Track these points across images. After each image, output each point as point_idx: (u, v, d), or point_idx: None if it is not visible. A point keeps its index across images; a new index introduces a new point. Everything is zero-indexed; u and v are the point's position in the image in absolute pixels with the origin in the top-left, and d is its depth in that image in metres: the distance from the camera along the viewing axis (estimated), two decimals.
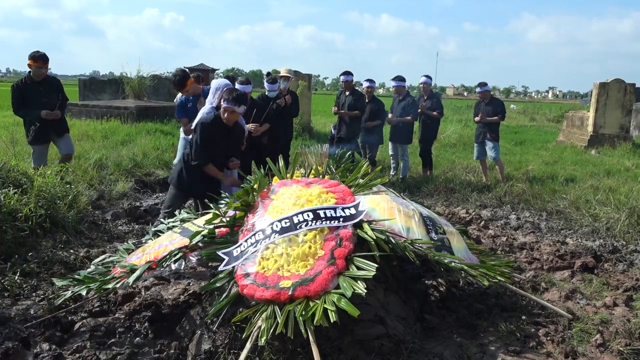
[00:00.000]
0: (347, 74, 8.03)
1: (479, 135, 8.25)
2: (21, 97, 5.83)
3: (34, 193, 4.67)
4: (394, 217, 3.19)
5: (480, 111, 8.20)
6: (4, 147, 6.83)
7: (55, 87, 6.01)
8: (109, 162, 7.59)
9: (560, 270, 4.42)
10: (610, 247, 5.02)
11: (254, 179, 3.57)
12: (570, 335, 3.11)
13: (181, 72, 5.66)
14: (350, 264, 2.73)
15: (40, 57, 5.71)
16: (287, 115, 6.93)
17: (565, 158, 11.01)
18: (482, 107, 8.23)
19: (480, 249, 4.18)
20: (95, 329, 3.16)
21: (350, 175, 3.67)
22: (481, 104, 8.31)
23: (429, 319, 3.28)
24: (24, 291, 3.65)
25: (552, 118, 24.89)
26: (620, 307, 3.57)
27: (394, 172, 8.46)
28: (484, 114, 8.12)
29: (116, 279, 3.15)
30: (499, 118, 8.12)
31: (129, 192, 6.75)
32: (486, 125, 8.12)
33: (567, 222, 6.08)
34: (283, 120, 6.78)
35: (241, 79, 6.12)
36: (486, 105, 8.20)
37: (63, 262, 4.18)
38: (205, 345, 2.82)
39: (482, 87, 8.31)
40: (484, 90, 8.31)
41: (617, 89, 12.96)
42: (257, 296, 2.66)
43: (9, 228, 4.20)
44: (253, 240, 2.99)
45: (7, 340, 2.88)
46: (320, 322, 2.41)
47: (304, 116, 13.58)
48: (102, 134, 10.26)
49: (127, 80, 14.89)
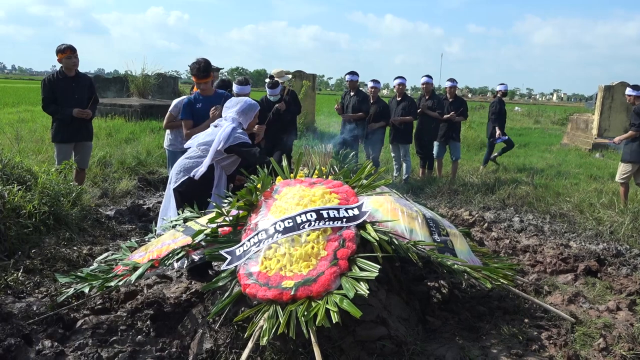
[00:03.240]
0: (352, 74, 8.03)
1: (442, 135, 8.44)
2: (52, 93, 5.53)
3: (37, 190, 4.68)
4: (397, 219, 3.18)
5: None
6: (9, 143, 6.85)
7: (88, 84, 5.76)
8: (112, 160, 7.62)
9: (563, 274, 4.40)
10: (613, 250, 5.00)
11: (258, 179, 3.57)
12: (573, 339, 3.10)
13: (204, 60, 4.80)
14: (353, 264, 2.72)
15: (67, 47, 5.47)
16: (289, 115, 6.87)
17: (570, 161, 10.98)
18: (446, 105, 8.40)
19: (483, 251, 4.17)
20: (98, 327, 3.17)
21: (353, 176, 3.66)
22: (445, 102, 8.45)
23: (431, 320, 3.27)
24: (26, 288, 3.66)
25: (556, 121, 24.84)
26: (623, 312, 3.55)
27: (397, 174, 8.45)
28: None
29: (119, 277, 3.16)
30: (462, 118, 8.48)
31: (133, 190, 6.76)
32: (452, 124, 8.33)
33: (570, 225, 6.06)
34: (285, 120, 6.73)
35: (239, 79, 5.93)
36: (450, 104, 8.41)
37: (66, 259, 4.19)
38: (207, 344, 2.82)
39: (453, 83, 8.51)
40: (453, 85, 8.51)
41: (622, 92, 12.89)
42: (260, 296, 2.66)
43: (12, 225, 4.21)
44: (256, 239, 2.99)
45: (9, 336, 2.88)
46: (322, 322, 2.40)
47: (307, 116, 13.59)
48: (107, 132, 10.30)
49: (131, 79, 14.94)
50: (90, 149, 6.09)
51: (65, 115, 5.50)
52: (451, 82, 8.43)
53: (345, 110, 7.98)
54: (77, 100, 5.57)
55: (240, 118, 4.01)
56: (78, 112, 5.51)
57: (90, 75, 7.22)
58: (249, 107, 4.07)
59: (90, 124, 5.88)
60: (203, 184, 3.88)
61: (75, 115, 5.51)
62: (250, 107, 4.07)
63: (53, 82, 5.55)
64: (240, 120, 4.01)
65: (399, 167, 8.45)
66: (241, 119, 4.02)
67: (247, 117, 4.06)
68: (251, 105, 4.08)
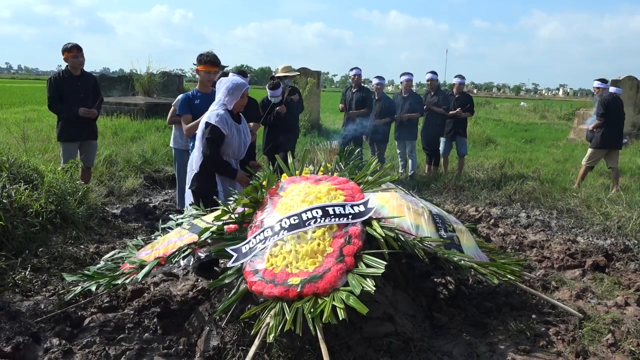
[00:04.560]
0: (356, 69, 8.03)
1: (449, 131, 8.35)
2: (57, 92, 5.52)
3: (44, 189, 4.70)
4: (403, 215, 3.17)
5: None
6: (15, 143, 6.88)
7: (93, 83, 5.77)
8: (118, 158, 7.64)
9: (571, 269, 4.38)
10: (621, 245, 4.97)
11: (263, 176, 3.57)
12: (581, 334, 3.08)
13: (212, 53, 4.68)
14: (359, 261, 2.72)
15: (74, 46, 5.49)
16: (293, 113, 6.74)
17: (577, 156, 10.90)
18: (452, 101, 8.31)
19: (490, 247, 4.15)
20: (105, 325, 3.18)
21: (359, 173, 3.65)
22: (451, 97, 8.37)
23: (438, 317, 3.26)
24: (34, 286, 3.68)
25: (562, 116, 24.70)
26: (631, 307, 3.53)
27: (402, 170, 8.43)
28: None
29: (125, 275, 3.17)
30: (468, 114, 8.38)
31: (139, 188, 6.79)
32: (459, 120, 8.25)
33: (577, 220, 6.02)
34: (287, 121, 6.57)
35: (232, 71, 5.60)
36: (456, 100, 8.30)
37: (73, 258, 4.21)
38: (214, 342, 2.83)
39: (461, 79, 8.40)
40: (461, 82, 8.41)
41: (629, 86, 12.83)
42: (266, 293, 2.66)
43: (19, 224, 4.23)
44: (262, 237, 2.98)
45: (17, 334, 2.91)
46: (328, 319, 2.40)
47: (312, 113, 13.57)
48: (112, 131, 10.32)
49: (136, 77, 14.97)
50: (96, 147, 6.11)
51: (71, 114, 5.51)
52: (459, 78, 8.38)
53: (348, 106, 7.96)
54: (82, 99, 5.57)
55: (225, 99, 3.91)
56: (84, 111, 5.51)
57: (95, 75, 7.22)
58: (235, 86, 3.92)
59: (95, 123, 5.89)
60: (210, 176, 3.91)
61: (81, 115, 5.51)
62: (236, 86, 3.93)
63: (59, 81, 5.56)
64: (225, 101, 3.91)
65: (405, 163, 8.43)
66: (227, 100, 3.91)
67: (232, 97, 3.92)
68: (237, 85, 3.94)
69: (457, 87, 8.34)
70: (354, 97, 7.89)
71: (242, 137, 4.03)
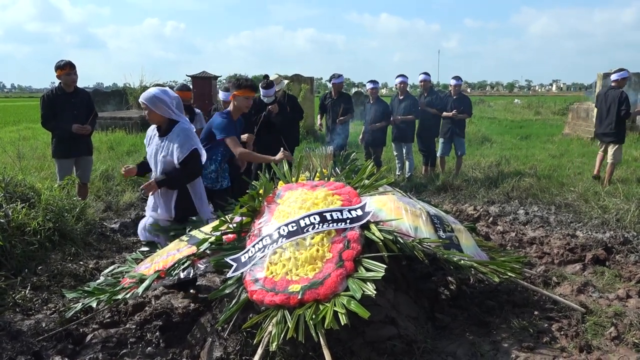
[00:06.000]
0: (337, 77, 7.98)
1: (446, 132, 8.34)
2: (51, 109, 5.54)
3: (41, 207, 4.69)
4: (401, 217, 3.17)
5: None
6: (11, 162, 6.87)
7: (86, 99, 5.77)
8: (115, 173, 7.63)
9: (571, 264, 4.38)
10: (621, 238, 4.97)
11: (259, 184, 3.57)
12: (584, 329, 3.08)
13: (250, 78, 4.51)
14: (359, 265, 2.72)
15: (67, 64, 5.48)
16: (291, 120, 6.73)
17: (572, 150, 10.95)
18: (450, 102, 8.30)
19: (489, 245, 4.16)
20: (107, 340, 3.17)
21: (355, 177, 3.66)
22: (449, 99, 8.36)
23: (440, 317, 3.26)
24: (34, 305, 3.66)
25: (557, 111, 24.74)
26: (633, 299, 3.54)
27: (400, 173, 8.44)
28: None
29: (126, 290, 3.15)
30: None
31: (136, 202, 6.77)
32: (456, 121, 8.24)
33: (576, 215, 6.03)
34: (281, 124, 6.45)
35: (225, 87, 5.62)
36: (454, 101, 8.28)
37: (73, 274, 4.19)
38: (217, 353, 2.82)
39: (458, 81, 8.38)
40: (458, 84, 8.38)
41: None
42: (267, 301, 2.66)
43: (18, 242, 4.22)
44: (260, 245, 2.98)
45: (19, 354, 2.89)
46: (330, 325, 2.40)
47: (307, 119, 13.57)
48: (108, 145, 10.32)
49: (130, 91, 15.02)
50: (91, 163, 6.10)
51: (65, 131, 5.51)
52: (456, 80, 8.36)
53: (328, 113, 7.93)
54: (75, 116, 5.57)
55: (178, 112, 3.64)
56: (77, 127, 5.51)
57: (88, 90, 7.23)
58: (159, 99, 3.51)
59: (90, 139, 5.89)
60: None
61: (75, 132, 5.50)
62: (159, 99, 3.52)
63: (52, 98, 5.57)
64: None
65: (402, 165, 8.44)
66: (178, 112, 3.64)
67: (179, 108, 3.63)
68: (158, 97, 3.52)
69: (454, 88, 8.32)
70: (335, 104, 7.84)
71: None
